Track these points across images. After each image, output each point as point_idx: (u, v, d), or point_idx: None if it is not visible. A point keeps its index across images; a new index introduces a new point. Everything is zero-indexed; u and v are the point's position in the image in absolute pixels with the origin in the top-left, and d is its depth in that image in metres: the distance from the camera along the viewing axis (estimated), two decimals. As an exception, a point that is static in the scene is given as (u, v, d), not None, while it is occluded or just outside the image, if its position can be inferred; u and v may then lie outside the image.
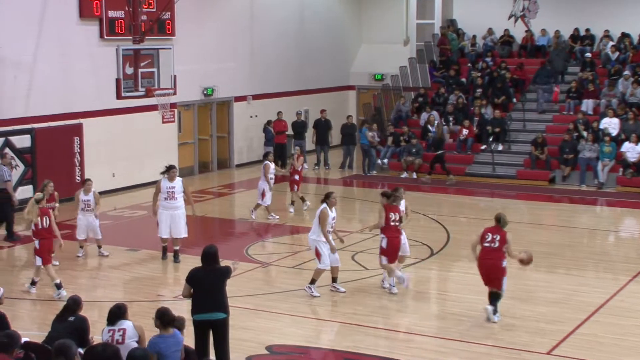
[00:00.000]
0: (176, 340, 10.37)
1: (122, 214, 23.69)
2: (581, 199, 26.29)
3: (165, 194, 18.60)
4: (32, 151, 23.84)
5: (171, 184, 18.57)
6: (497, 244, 14.61)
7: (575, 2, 34.07)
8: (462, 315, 15.18)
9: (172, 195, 18.56)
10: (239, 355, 12.69)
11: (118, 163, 26.30)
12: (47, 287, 16.71)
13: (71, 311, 11.15)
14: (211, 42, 29.86)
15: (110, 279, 17.83)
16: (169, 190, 18.56)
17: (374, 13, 37.72)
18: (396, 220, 16.32)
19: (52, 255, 16.85)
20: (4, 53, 23.05)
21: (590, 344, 13.78)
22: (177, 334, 10.46)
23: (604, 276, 18.11)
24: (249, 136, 31.92)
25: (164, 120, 27.92)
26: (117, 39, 24.81)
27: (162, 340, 10.29)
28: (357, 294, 16.53)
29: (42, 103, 24.15)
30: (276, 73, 33.24)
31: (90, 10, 24.96)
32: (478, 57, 34.78)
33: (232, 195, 27.19)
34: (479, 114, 30.96)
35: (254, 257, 19.04)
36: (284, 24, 33.55)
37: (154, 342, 10.26)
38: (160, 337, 10.34)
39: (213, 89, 30.12)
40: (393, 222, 16.26)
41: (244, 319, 14.66)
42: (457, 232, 21.65)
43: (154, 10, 25.23)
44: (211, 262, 11.79)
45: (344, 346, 13.81)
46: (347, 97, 37.69)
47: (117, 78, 22.51)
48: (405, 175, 29.39)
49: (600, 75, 31.76)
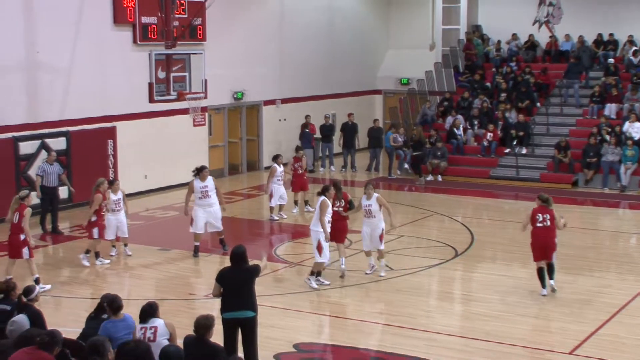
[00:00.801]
0: (127, 324, 10.69)
1: (153, 214, 23.81)
2: (604, 201, 26.14)
3: (199, 193, 19.00)
4: (67, 153, 24.00)
5: (204, 183, 18.98)
6: (548, 223, 16.02)
7: (599, 8, 33.89)
8: (486, 315, 15.15)
9: (206, 194, 18.99)
10: (267, 353, 12.73)
11: (150, 165, 26.43)
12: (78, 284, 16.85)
13: (104, 309, 11.22)
14: (241, 47, 29.95)
15: (142, 278, 17.92)
16: (202, 189, 18.96)
17: (401, 19, 37.71)
18: (340, 206, 17.49)
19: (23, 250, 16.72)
20: (41, 58, 23.24)
21: (612, 345, 13.72)
22: (128, 318, 10.79)
23: (627, 277, 18.00)
24: (278, 139, 31.97)
25: (195, 123, 28.05)
26: (150, 44, 24.97)
27: (112, 325, 10.62)
28: (382, 294, 16.55)
29: (77, 106, 24.31)
30: (305, 77, 33.30)
31: (124, 16, 25.13)
32: (503, 61, 34.70)
33: (261, 196, 27.24)
34: (503, 118, 30.89)
35: (282, 257, 19.09)
36: (312, 29, 33.60)
37: (105, 327, 10.60)
38: (111, 322, 10.67)
39: (243, 93, 30.22)
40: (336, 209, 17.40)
41: (272, 317, 14.69)
42: (481, 233, 21.60)
43: (185, 16, 25.34)
44: (240, 261, 11.84)
45: (369, 345, 13.83)
46: (374, 101, 37.67)
47: (149, 82, 22.58)
48: (430, 177, 29.35)
49: (624, 80, 31.59)
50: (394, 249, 19.51)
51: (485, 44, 35.76)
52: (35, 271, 16.53)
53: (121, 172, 24.85)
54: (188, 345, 10.00)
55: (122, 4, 25.01)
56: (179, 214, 23.55)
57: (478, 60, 35.04)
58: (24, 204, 16.51)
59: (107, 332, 10.51)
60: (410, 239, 20.96)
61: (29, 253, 16.60)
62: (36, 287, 11.70)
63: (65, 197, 23.67)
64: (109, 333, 10.49)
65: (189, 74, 23.92)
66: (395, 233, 20.12)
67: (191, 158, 27.90)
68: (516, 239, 20.28)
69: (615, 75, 31.56)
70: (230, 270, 11.87)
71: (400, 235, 21.02)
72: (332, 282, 17.03)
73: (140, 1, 24.90)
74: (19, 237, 16.52)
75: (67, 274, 18.05)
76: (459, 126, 30.89)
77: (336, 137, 31.88)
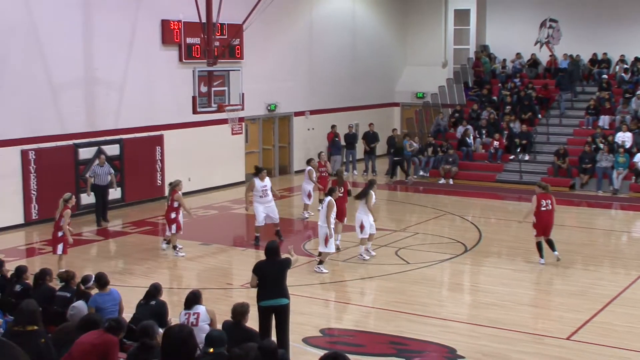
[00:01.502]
0: (112, 297, 11.24)
1: (195, 213, 23.87)
2: (598, 203, 25.97)
3: (260, 192, 19.55)
4: (120, 158, 24.14)
5: (263, 183, 19.57)
6: (550, 207, 17.69)
7: (594, 30, 33.73)
8: (492, 304, 15.10)
9: (265, 192, 19.58)
10: (296, 337, 12.74)
11: (193, 169, 26.50)
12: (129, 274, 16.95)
13: (152, 296, 11.28)
14: (274, 64, 30.00)
15: (187, 269, 17.99)
16: (263, 189, 19.55)
17: (417, 39, 37.63)
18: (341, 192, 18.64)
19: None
20: (98, 74, 23.38)
21: (605, 331, 13.64)
22: (113, 292, 11.33)
23: (618, 271, 17.88)
24: (307, 146, 31.97)
25: (233, 132, 28.12)
26: (193, 62, 25.04)
27: (100, 297, 11.18)
28: (399, 285, 16.53)
29: (129, 117, 24.44)
30: (331, 91, 33.29)
31: (171, 37, 25.24)
32: (508, 78, 34.55)
33: (291, 197, 27.27)
34: (508, 128, 30.83)
35: (310, 252, 19.10)
36: (338, 48, 33.59)
37: (93, 299, 11.11)
38: (99, 295, 11.24)
39: (276, 105, 30.26)
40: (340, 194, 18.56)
41: (301, 305, 14.70)
42: (488, 231, 21.52)
43: (225, 37, 25.40)
44: (273, 255, 11.88)
45: (388, 330, 13.81)
46: (393, 113, 37.58)
47: (193, 96, 22.59)
48: (442, 181, 29.34)
49: (616, 94, 31.41)
50: (409, 245, 19.52)
51: (492, 62, 35.64)
52: (62, 267, 16.07)
53: (167, 175, 24.92)
54: (226, 329, 10.03)
55: (169, 27, 25.12)
56: (219, 213, 23.67)
57: (486, 77, 34.95)
58: (67, 205, 16.56)
59: (96, 304, 10.97)
60: (424, 236, 20.92)
61: (63, 249, 16.62)
62: (92, 277, 11.76)
63: (119, 197, 23.84)
64: (98, 304, 10.97)
65: (228, 88, 23.97)
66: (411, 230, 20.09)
67: (229, 163, 28.09)
68: (520, 236, 20.25)
69: (608, 90, 31.41)
70: (265, 263, 11.90)
71: (416, 233, 21.00)
72: (354, 274, 17.03)
73: (185, 24, 25.00)
74: (57, 234, 16.59)
75: (121, 265, 18.15)
76: (469, 135, 30.82)
77: (359, 144, 31.85)
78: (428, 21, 37.17)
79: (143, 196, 24.93)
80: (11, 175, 21.38)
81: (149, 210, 24.03)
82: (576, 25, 34.06)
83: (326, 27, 32.83)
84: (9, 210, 21.33)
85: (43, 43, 21.83)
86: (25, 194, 21.63)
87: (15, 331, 8.91)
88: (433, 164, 30.28)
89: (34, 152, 21.71)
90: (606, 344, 13.00)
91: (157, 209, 23.79)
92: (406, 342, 13.13)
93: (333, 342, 13.14)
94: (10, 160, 21.32)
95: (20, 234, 21.06)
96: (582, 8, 34.05)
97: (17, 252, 19.04)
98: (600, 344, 12.98)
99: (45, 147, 22.05)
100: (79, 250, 18.89)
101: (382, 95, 36.82)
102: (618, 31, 33.30)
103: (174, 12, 24.89)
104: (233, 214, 24.09)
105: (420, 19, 37.50)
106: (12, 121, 21.27)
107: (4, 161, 21.18)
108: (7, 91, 21.05)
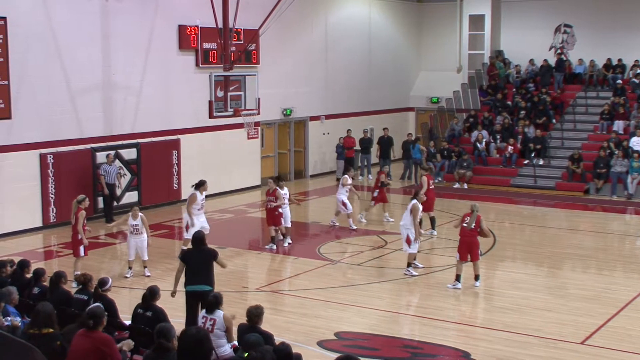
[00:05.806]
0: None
1: (211, 217, 23.87)
2: (612, 208, 25.86)
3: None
4: (137, 162, 24.20)
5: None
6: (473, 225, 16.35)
7: (609, 36, 33.61)
8: (506, 309, 15.04)
9: (203, 206, 19.44)
10: (311, 339, 12.74)
11: (210, 173, 26.43)
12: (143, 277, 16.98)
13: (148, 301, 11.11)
14: (290, 69, 30.04)
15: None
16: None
17: (432, 44, 37.62)
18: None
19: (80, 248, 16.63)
20: (116, 79, 23.46)
21: (619, 336, 13.56)
22: None
23: (632, 276, 17.77)
24: (322, 151, 32.00)
25: (249, 136, 28.15)
26: (210, 67, 25.13)
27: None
28: (414, 288, 16.50)
29: (146, 121, 24.50)
30: (346, 96, 33.30)
31: (188, 42, 25.30)
32: (522, 83, 34.47)
33: (306, 201, 27.27)
34: (522, 133, 30.75)
35: (324, 255, 19.09)
36: (353, 53, 33.61)
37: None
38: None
39: (291, 110, 30.29)
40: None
41: (316, 309, 14.70)
42: (503, 236, 21.43)
43: (241, 42, 25.47)
44: (199, 244, 12.72)
45: (402, 334, 13.79)
46: (407, 117, 37.56)
47: (209, 100, 22.70)
48: (457, 185, 29.29)
49: (630, 99, 31.26)
50: (424, 249, 19.44)
51: (506, 67, 35.55)
52: (78, 269, 16.09)
53: (184, 179, 24.99)
54: (242, 331, 10.02)
55: (186, 32, 25.17)
56: (235, 216, 23.69)
57: (500, 82, 34.85)
58: (80, 207, 16.53)
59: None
60: (439, 240, 20.88)
61: (84, 251, 16.62)
62: (109, 279, 11.77)
63: (135, 200, 23.89)
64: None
65: (244, 93, 24.08)
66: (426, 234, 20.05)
67: (245, 167, 28.11)
68: (533, 241, 20.17)
69: (623, 95, 31.26)
70: (192, 251, 12.78)
71: (431, 237, 20.95)
72: (368, 278, 17.01)
73: (202, 29, 25.09)
74: (76, 237, 16.55)
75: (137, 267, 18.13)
76: (481, 140, 30.74)
77: (374, 149, 31.83)
78: (443, 26, 37.14)
79: (159, 200, 24.99)
80: (30, 179, 21.48)
81: (166, 213, 24.08)
82: (591, 30, 33.93)
83: (342, 32, 32.84)
84: (27, 213, 21.42)
85: (62, 48, 21.93)
86: (44, 197, 21.73)
87: (31, 334, 8.92)
88: (448, 168, 30.26)
89: (52, 156, 21.81)
90: (621, 349, 12.92)
91: (173, 213, 23.83)
92: (420, 346, 13.09)
93: (348, 346, 13.11)
94: (28, 164, 21.42)
95: (39, 237, 21.14)
96: (597, 14, 33.95)
97: (36, 254, 19.09)
98: (614, 349, 12.91)
99: (63, 151, 22.14)
100: (95, 252, 18.92)
101: (397, 100, 36.79)
102: (632, 36, 33.18)
103: (191, 18, 24.99)
104: (248, 218, 24.11)
105: (435, 24, 37.49)
106: (30, 125, 21.37)
107: (23, 165, 21.28)
108: (26, 96, 21.15)
